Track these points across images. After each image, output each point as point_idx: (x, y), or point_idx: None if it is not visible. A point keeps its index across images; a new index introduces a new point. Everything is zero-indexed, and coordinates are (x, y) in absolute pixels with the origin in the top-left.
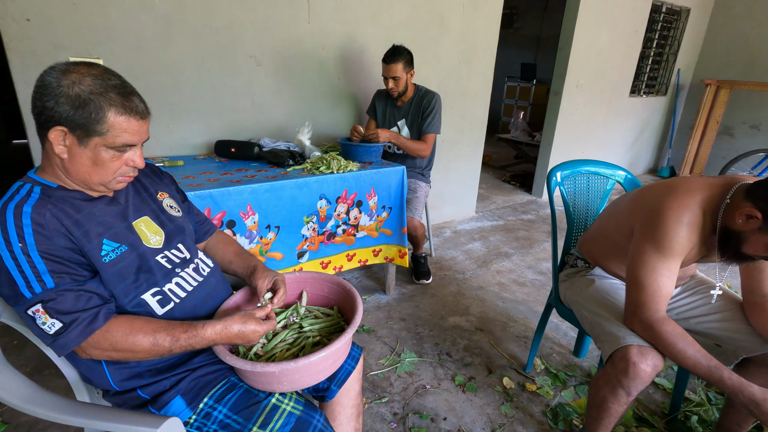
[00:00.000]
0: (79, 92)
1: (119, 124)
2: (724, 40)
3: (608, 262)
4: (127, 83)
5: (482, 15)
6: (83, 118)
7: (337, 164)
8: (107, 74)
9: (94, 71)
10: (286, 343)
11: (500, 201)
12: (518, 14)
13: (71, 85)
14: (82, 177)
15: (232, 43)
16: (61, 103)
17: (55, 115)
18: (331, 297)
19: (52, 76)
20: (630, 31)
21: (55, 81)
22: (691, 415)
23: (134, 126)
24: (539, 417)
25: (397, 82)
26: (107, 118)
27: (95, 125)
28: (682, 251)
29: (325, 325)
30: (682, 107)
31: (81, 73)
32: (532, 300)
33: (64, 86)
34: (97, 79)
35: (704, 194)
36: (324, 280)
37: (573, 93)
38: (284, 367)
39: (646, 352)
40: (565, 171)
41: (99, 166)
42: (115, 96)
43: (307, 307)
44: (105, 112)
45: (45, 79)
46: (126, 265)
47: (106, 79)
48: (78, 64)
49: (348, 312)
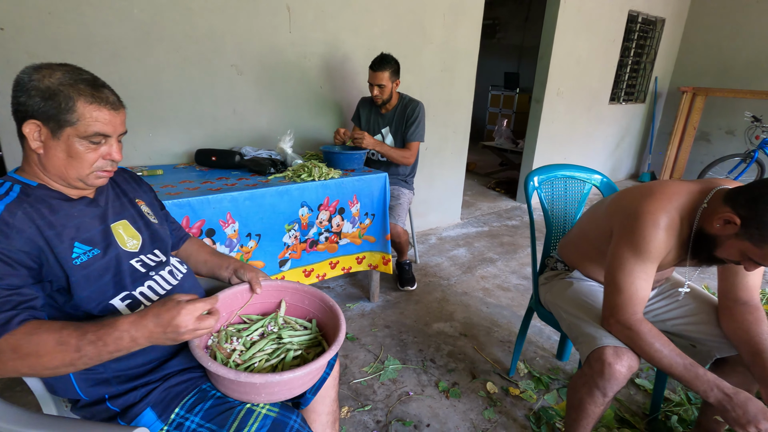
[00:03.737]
0: (49, 84)
1: (89, 112)
2: (698, 49)
3: (586, 265)
4: (98, 78)
5: (463, 25)
6: (53, 108)
7: (319, 171)
8: (79, 70)
9: (66, 67)
10: (265, 353)
11: (485, 207)
12: (501, 24)
13: (41, 79)
14: (59, 171)
15: (212, 52)
16: (32, 96)
17: (29, 109)
18: (311, 310)
19: (25, 73)
20: (608, 41)
21: (27, 77)
22: (671, 415)
23: (105, 115)
24: (522, 421)
25: (382, 90)
26: (77, 107)
27: (65, 114)
28: (659, 254)
29: (305, 338)
30: (661, 114)
31: (52, 68)
32: (516, 305)
33: (35, 80)
34: (68, 73)
35: (681, 198)
36: (305, 292)
37: (554, 101)
38: (268, 380)
39: (621, 353)
40: (542, 176)
41: (74, 158)
42: (85, 87)
43: (285, 318)
44: (74, 102)
45: (19, 77)
46: (97, 269)
47: (77, 73)
48: (51, 63)
49: (327, 327)
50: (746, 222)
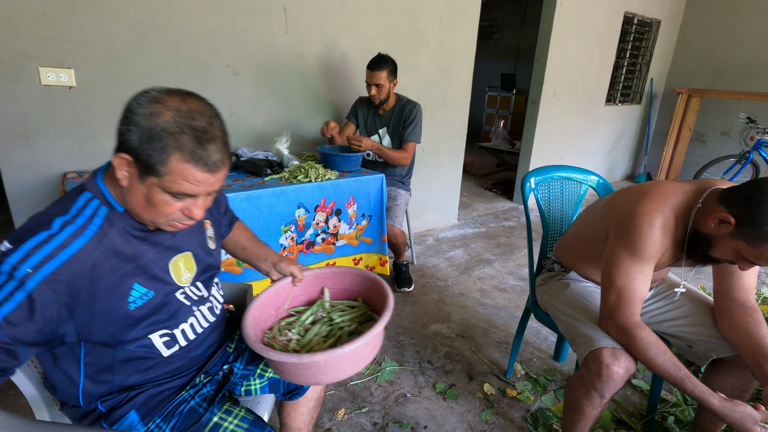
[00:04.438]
0: (153, 126)
1: (180, 171)
2: (693, 51)
3: (583, 266)
4: (214, 127)
5: (459, 26)
6: (146, 153)
7: (315, 173)
8: (197, 113)
9: (183, 106)
10: (320, 336)
11: (482, 208)
12: (497, 26)
13: (148, 116)
14: (134, 209)
15: (208, 53)
16: (132, 131)
17: (125, 142)
18: (354, 289)
19: (139, 101)
20: (604, 42)
21: (138, 107)
22: (667, 416)
23: (198, 176)
24: (519, 422)
25: (379, 90)
26: (169, 162)
27: (155, 165)
28: (655, 255)
29: (354, 315)
30: (656, 115)
31: (166, 105)
32: (513, 306)
33: (142, 115)
34: (180, 115)
35: (676, 198)
36: (345, 273)
37: (550, 102)
38: (331, 355)
39: (618, 354)
40: (539, 177)
41: (151, 205)
42: (188, 140)
43: (331, 302)
44: (168, 155)
45: (131, 104)
46: (146, 312)
47: (190, 117)
48: (173, 94)
49: (373, 301)
50: (741, 221)
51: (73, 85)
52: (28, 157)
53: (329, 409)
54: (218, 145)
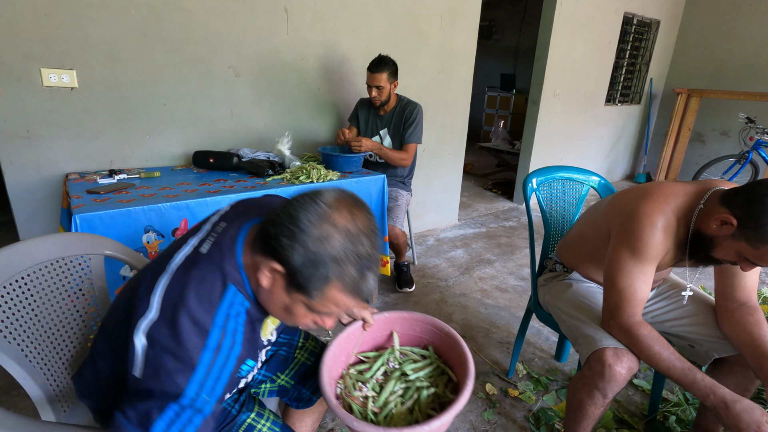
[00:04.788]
0: (320, 251)
1: (334, 298)
2: (692, 51)
3: (585, 266)
4: (374, 250)
5: (460, 27)
6: (305, 277)
7: (317, 173)
8: (363, 234)
9: (352, 226)
10: (397, 395)
11: (482, 208)
12: (497, 26)
13: (318, 241)
14: (268, 308)
15: (209, 53)
16: (297, 250)
17: (284, 255)
18: (423, 336)
19: (310, 219)
20: (603, 42)
21: (308, 225)
22: (669, 416)
23: (350, 304)
24: (522, 422)
25: (380, 92)
26: (326, 289)
27: (311, 289)
28: (657, 255)
29: (429, 370)
30: (656, 115)
31: (336, 227)
32: (514, 306)
33: (312, 237)
34: (348, 239)
35: (678, 199)
36: (415, 320)
37: (550, 102)
38: None
39: (621, 354)
40: (541, 177)
41: (289, 314)
42: (352, 271)
43: (400, 350)
44: (329, 285)
45: (300, 216)
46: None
47: (358, 242)
48: (341, 207)
49: (444, 352)
50: (743, 222)
51: (75, 86)
52: (29, 158)
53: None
54: (375, 269)
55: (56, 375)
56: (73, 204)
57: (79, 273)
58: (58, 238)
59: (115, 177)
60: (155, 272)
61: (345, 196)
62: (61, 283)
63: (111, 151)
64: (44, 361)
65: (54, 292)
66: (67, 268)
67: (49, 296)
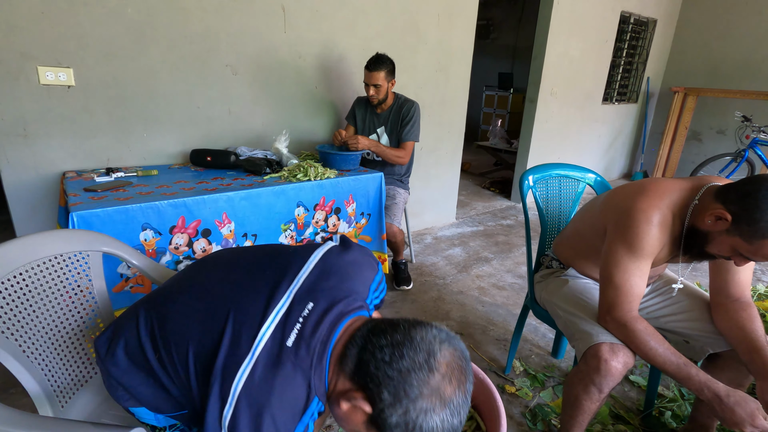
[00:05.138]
0: (419, 423)
1: None
2: (689, 50)
3: (581, 263)
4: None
5: (457, 25)
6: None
7: (315, 171)
8: (462, 406)
9: (457, 398)
10: None
11: (480, 207)
12: (494, 25)
13: (422, 413)
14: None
15: (207, 52)
16: (396, 409)
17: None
18: None
19: (420, 381)
20: (600, 41)
21: (417, 391)
22: (665, 411)
23: None
24: (518, 418)
25: (378, 90)
26: None
27: None
28: (652, 251)
29: None
30: (653, 114)
31: (444, 402)
32: (511, 303)
33: (416, 407)
34: (449, 415)
35: (673, 195)
36: None
37: (548, 101)
38: None
39: (617, 349)
40: (537, 175)
41: None
42: None
43: None
44: None
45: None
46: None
47: (456, 415)
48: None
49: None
50: (737, 218)
51: (72, 84)
52: (27, 157)
53: None
54: None
55: (54, 371)
56: (71, 202)
57: (77, 269)
58: (56, 235)
59: (112, 175)
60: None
61: (458, 358)
62: (59, 279)
63: (108, 150)
64: (42, 357)
65: (52, 288)
66: (65, 265)
67: (47, 292)
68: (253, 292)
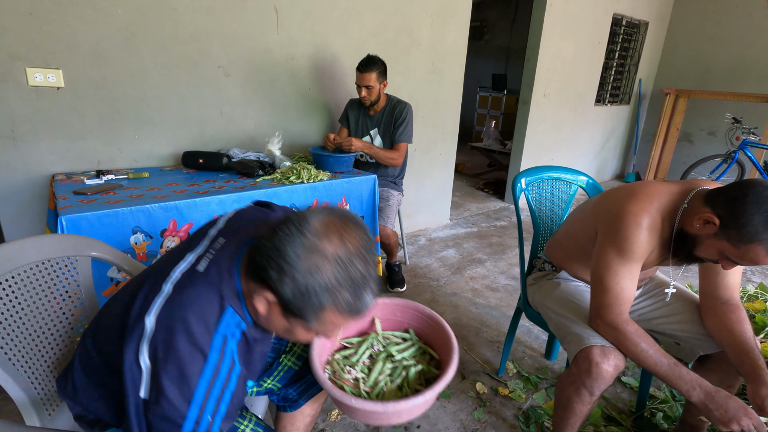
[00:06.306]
0: (311, 284)
1: (332, 320)
2: (680, 52)
3: (573, 265)
4: (369, 266)
5: (451, 27)
6: (298, 306)
7: (308, 174)
8: (355, 256)
9: (342, 251)
10: (385, 375)
11: (474, 208)
12: (488, 26)
13: (307, 273)
14: (270, 329)
15: (198, 53)
16: (285, 283)
17: (273, 286)
18: (404, 320)
19: (295, 248)
20: (593, 43)
21: (294, 257)
22: (656, 412)
23: (348, 323)
24: (512, 420)
25: (370, 91)
26: (323, 316)
27: (307, 315)
28: (642, 254)
29: (412, 351)
30: (645, 115)
31: (325, 256)
32: (505, 305)
33: (299, 271)
34: (340, 266)
35: (663, 199)
36: (396, 305)
37: (541, 102)
38: (413, 404)
39: (608, 352)
40: (529, 177)
41: (291, 334)
42: (347, 296)
43: (383, 334)
44: (324, 310)
45: (286, 249)
46: None
47: (350, 265)
48: (330, 232)
49: (425, 334)
50: (724, 222)
51: (62, 85)
52: (15, 159)
53: (323, 410)
54: (372, 285)
55: (41, 378)
56: (60, 205)
57: (65, 275)
58: (43, 240)
59: (102, 178)
60: (151, 288)
61: (333, 218)
62: (47, 285)
63: (98, 152)
64: (29, 365)
65: (39, 295)
66: (53, 270)
67: (34, 299)
68: (176, 256)
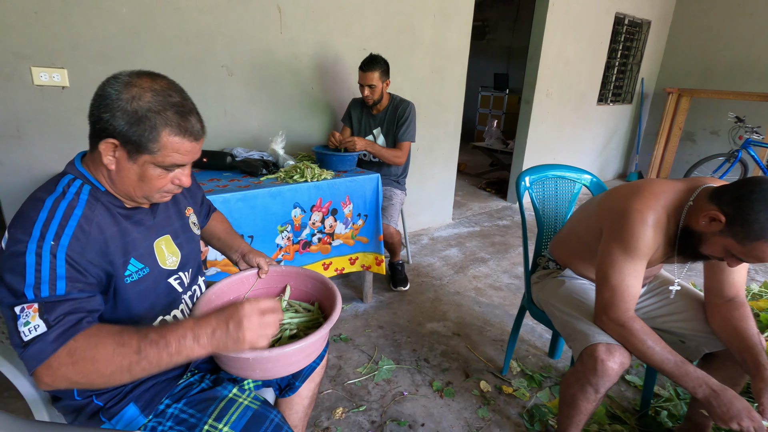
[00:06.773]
0: (137, 108)
1: (172, 144)
2: (683, 51)
3: (578, 263)
4: (187, 100)
5: (453, 26)
6: (137, 134)
7: (311, 173)
8: (169, 90)
9: (157, 86)
10: None
11: (476, 207)
12: (490, 26)
13: (130, 100)
14: (126, 190)
15: (202, 53)
16: (117, 117)
17: (109, 128)
18: (313, 293)
19: (114, 88)
20: (595, 42)
21: (115, 93)
22: (660, 411)
23: (187, 147)
24: (516, 419)
25: (372, 90)
26: (161, 138)
27: (148, 143)
28: (647, 252)
29: (304, 319)
30: (647, 115)
31: (142, 88)
32: (508, 304)
33: (123, 100)
34: (158, 95)
35: (668, 196)
36: (308, 276)
37: (543, 102)
38: (258, 356)
39: (613, 349)
40: (534, 176)
41: (145, 182)
42: (173, 115)
43: (289, 301)
44: (159, 132)
45: (106, 90)
46: (146, 287)
47: (167, 95)
48: (142, 76)
49: (328, 309)
50: (731, 219)
51: (66, 85)
52: (20, 158)
53: (327, 408)
54: (196, 115)
55: None
56: None
57: None
58: None
59: None
60: None
61: (141, 71)
62: None
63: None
64: None
65: None
66: None
67: None
68: None
